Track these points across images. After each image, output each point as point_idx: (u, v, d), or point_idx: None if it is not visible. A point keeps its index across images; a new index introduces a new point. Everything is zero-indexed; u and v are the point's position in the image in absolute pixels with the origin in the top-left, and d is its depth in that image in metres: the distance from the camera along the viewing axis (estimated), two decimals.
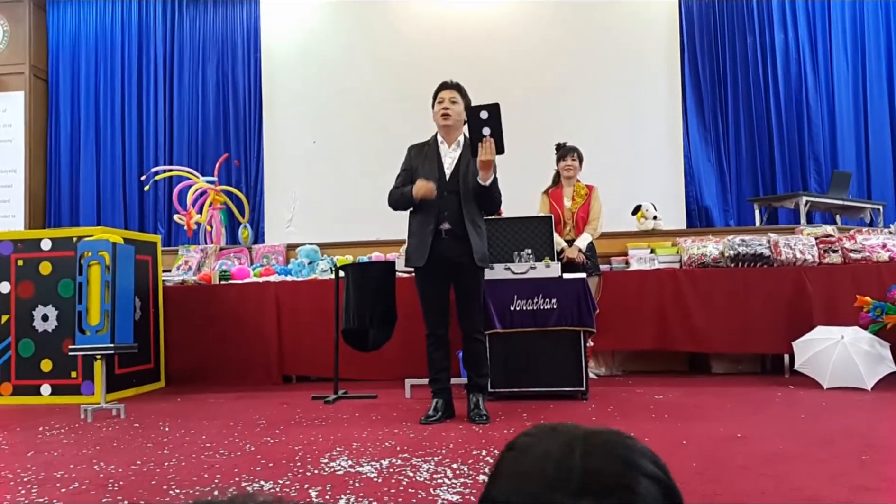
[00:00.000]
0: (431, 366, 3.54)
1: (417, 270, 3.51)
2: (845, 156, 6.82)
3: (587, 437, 0.65)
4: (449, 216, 3.42)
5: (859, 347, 4.07)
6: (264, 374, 5.05)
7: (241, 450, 2.94)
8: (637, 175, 6.70)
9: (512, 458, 0.67)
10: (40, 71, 7.94)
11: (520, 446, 0.68)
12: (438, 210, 3.42)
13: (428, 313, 3.52)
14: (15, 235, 4.87)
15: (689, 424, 3.21)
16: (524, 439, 0.68)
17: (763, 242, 4.85)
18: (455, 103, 3.47)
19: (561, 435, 0.66)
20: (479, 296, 3.56)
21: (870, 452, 2.58)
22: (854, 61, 6.93)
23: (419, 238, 3.46)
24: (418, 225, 3.49)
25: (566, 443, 0.64)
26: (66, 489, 2.40)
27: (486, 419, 3.38)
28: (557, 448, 0.63)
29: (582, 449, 0.62)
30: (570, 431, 0.66)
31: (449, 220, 3.41)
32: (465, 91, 3.53)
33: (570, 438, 0.64)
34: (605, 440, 0.64)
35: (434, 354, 3.53)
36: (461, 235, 3.41)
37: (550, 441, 0.65)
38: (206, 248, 5.96)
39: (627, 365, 5.17)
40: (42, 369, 4.55)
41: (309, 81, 7.37)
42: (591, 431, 0.66)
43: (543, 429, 0.69)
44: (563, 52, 7.05)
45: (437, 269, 3.44)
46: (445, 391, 3.53)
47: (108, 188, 7.70)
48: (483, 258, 3.48)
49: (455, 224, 3.41)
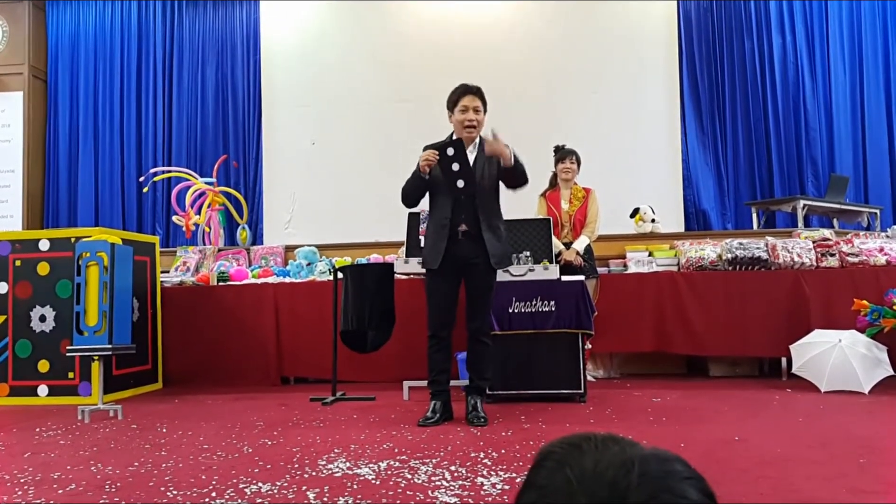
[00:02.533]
0: (432, 367, 3.51)
1: (431, 271, 3.47)
2: (843, 160, 6.84)
3: (643, 461, 0.61)
4: (466, 218, 3.40)
5: (857, 351, 4.08)
6: (262, 376, 5.05)
7: (238, 451, 2.93)
8: (635, 178, 6.71)
9: (554, 468, 0.64)
10: (39, 71, 7.94)
11: (564, 457, 0.64)
12: (454, 211, 3.40)
13: (434, 315, 3.48)
14: (13, 236, 4.86)
15: (687, 427, 3.21)
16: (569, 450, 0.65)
17: (761, 246, 4.86)
18: (478, 112, 3.44)
19: (614, 454, 0.62)
20: (489, 298, 3.53)
21: (867, 455, 2.59)
22: (851, 65, 6.95)
23: (434, 239, 3.44)
24: (434, 226, 3.47)
25: (622, 464, 0.60)
26: (62, 490, 2.39)
27: (485, 422, 3.37)
28: (612, 469, 0.60)
29: (638, 473, 0.59)
30: (625, 451, 0.63)
31: (465, 222, 3.40)
32: (484, 96, 3.49)
33: (625, 460, 0.61)
34: (661, 468, 0.61)
35: (435, 356, 3.49)
36: (477, 236, 3.40)
37: (603, 457, 0.62)
38: (204, 250, 5.96)
39: (625, 367, 5.17)
40: (39, 370, 4.54)
41: (308, 83, 7.38)
42: (645, 456, 0.62)
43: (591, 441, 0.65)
44: (562, 54, 7.06)
45: (449, 271, 3.43)
46: (444, 393, 3.51)
47: (107, 189, 7.69)
48: (501, 260, 3.47)
49: (471, 225, 3.40)
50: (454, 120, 3.48)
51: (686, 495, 0.59)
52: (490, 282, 3.49)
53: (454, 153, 3.33)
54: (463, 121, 3.42)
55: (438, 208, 3.45)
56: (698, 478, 0.62)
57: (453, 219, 3.40)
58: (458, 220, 3.40)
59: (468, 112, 3.41)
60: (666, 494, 0.58)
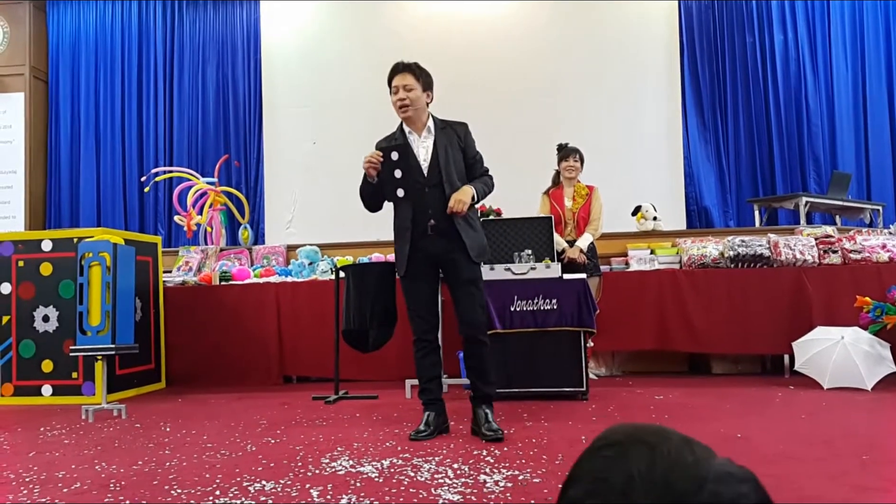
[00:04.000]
0: (420, 374, 3.22)
1: (403, 277, 3.21)
2: (845, 156, 6.83)
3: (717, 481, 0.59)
4: (434, 212, 3.11)
5: (859, 348, 4.08)
6: (265, 375, 5.06)
7: (242, 450, 2.94)
8: (637, 176, 6.71)
9: (615, 460, 0.61)
10: (40, 72, 7.95)
11: (629, 451, 0.61)
12: (421, 207, 3.12)
13: (414, 318, 3.21)
14: (16, 236, 4.87)
15: (689, 425, 3.21)
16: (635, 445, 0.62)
17: (763, 243, 4.85)
18: (411, 90, 3.15)
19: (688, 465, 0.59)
20: (477, 294, 3.17)
21: (870, 453, 2.59)
22: (853, 62, 6.94)
23: (399, 244, 3.19)
24: (397, 229, 3.21)
25: (695, 479, 0.58)
26: (67, 489, 2.40)
27: (501, 435, 2.99)
28: (683, 482, 0.58)
29: (708, 492, 0.57)
30: (699, 465, 0.60)
31: (434, 217, 3.11)
32: (422, 70, 3.21)
33: (699, 476, 0.58)
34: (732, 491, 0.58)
35: (422, 361, 3.20)
36: (449, 230, 3.11)
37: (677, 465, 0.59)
38: (206, 249, 5.97)
39: (627, 365, 5.17)
40: (43, 370, 4.56)
41: (309, 83, 7.38)
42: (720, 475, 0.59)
43: (665, 442, 0.62)
44: (563, 52, 7.06)
45: (422, 269, 3.17)
46: (437, 403, 3.19)
47: (108, 189, 7.71)
48: (480, 252, 3.17)
49: (440, 219, 3.10)
50: (392, 104, 3.24)
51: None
52: (474, 273, 3.17)
53: (398, 158, 3.06)
54: (395, 102, 3.19)
55: (400, 209, 3.19)
56: (766, 502, 0.60)
57: (415, 217, 3.13)
58: (425, 216, 3.11)
59: (399, 92, 3.16)
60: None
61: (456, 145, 3.21)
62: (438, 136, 3.21)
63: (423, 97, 3.20)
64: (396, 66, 3.23)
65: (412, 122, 3.23)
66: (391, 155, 3.08)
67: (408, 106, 3.17)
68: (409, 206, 3.14)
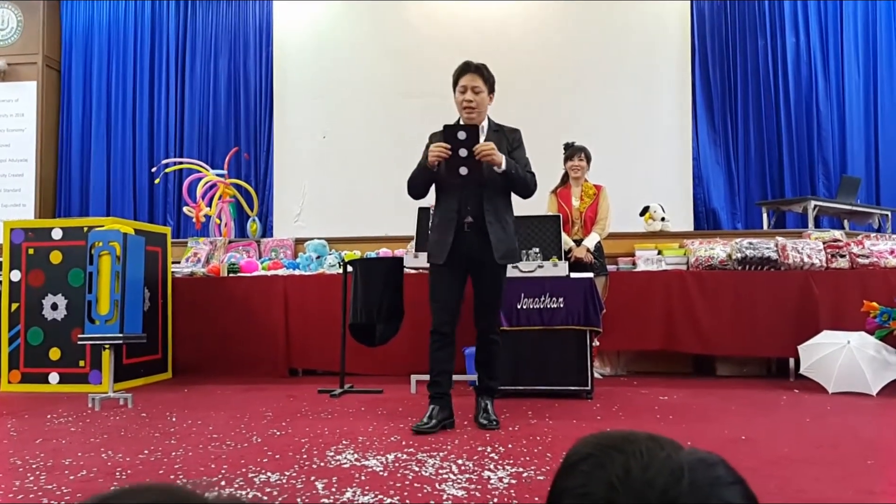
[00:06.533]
0: (433, 366, 3.27)
1: (435, 265, 3.27)
2: (855, 160, 6.80)
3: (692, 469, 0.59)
4: (472, 209, 3.19)
5: (865, 353, 4.07)
6: (271, 367, 5.08)
7: (247, 441, 2.96)
8: (645, 176, 6.70)
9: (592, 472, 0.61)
10: (53, 61, 7.98)
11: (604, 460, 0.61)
12: (460, 203, 3.20)
13: (437, 310, 3.26)
14: (26, 224, 4.90)
15: (693, 426, 3.22)
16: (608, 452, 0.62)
17: (771, 246, 4.84)
18: (479, 93, 3.21)
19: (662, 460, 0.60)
20: (499, 296, 3.32)
21: (875, 457, 2.59)
22: (865, 65, 6.90)
23: (440, 233, 3.24)
24: (440, 219, 3.27)
25: (672, 471, 0.58)
26: (74, 476, 2.42)
27: (496, 425, 3.19)
28: (662, 476, 0.58)
29: (688, 482, 0.57)
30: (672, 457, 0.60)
31: (472, 214, 3.19)
32: (489, 72, 3.27)
33: (674, 467, 0.59)
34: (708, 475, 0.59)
35: (437, 354, 3.25)
36: (483, 229, 3.18)
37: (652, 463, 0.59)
38: (215, 241, 6.00)
39: (632, 365, 5.17)
40: (51, 357, 4.59)
41: (320, 76, 7.39)
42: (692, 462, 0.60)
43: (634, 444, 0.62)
44: (574, 52, 7.05)
45: (455, 266, 3.23)
46: (444, 397, 3.23)
47: (119, 179, 7.74)
48: (506, 255, 3.22)
49: (477, 217, 3.19)
50: (455, 101, 3.28)
51: (732, 501, 0.59)
52: (500, 281, 3.30)
53: (466, 138, 3.08)
54: (461, 101, 3.22)
55: (445, 199, 3.26)
56: (741, 481, 0.61)
57: (460, 210, 3.20)
58: (464, 213, 3.20)
59: (467, 92, 3.21)
60: (714, 502, 0.57)
61: (505, 149, 3.24)
62: (490, 137, 3.25)
63: (486, 100, 3.26)
64: (468, 65, 3.26)
65: (468, 121, 3.25)
66: (459, 133, 3.10)
67: (473, 108, 3.23)
68: (455, 198, 3.21)
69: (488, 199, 3.20)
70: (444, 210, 3.26)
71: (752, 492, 0.62)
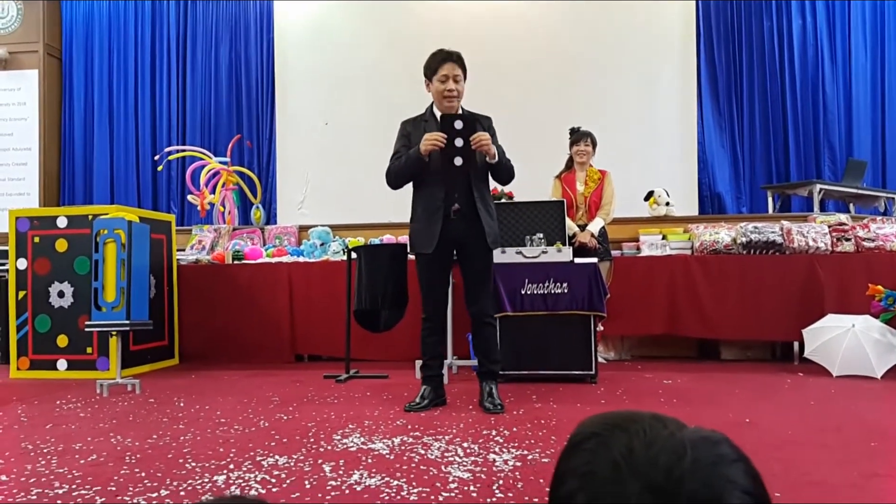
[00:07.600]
0: (424, 351, 3.42)
1: (423, 255, 3.28)
2: (861, 144, 6.76)
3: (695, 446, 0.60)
4: (459, 197, 3.22)
5: (870, 336, 4.07)
6: (277, 353, 5.11)
7: (255, 425, 2.98)
8: (650, 161, 6.67)
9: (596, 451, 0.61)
10: (54, 49, 7.96)
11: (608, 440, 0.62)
12: (446, 190, 3.21)
13: (428, 299, 3.36)
14: (31, 213, 4.92)
15: (697, 409, 3.24)
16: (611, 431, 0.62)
17: (776, 230, 4.83)
18: (458, 81, 3.23)
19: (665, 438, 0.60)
20: (489, 278, 3.39)
21: (878, 440, 2.60)
22: (872, 48, 6.84)
23: (426, 222, 3.24)
24: (424, 208, 3.26)
25: (674, 449, 0.59)
26: (84, 461, 2.45)
27: (501, 408, 3.23)
28: (665, 454, 0.59)
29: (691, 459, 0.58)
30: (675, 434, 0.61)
31: (459, 201, 3.22)
32: (464, 61, 3.27)
33: (677, 445, 0.60)
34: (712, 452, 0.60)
35: (428, 339, 3.39)
36: (471, 216, 3.22)
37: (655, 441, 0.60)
38: (219, 229, 6.01)
39: (637, 350, 5.18)
40: (58, 344, 4.62)
41: (322, 63, 7.36)
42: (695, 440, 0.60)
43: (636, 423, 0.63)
44: (578, 35, 6.99)
45: (443, 253, 3.26)
46: (435, 378, 3.41)
47: (122, 167, 7.74)
48: (496, 240, 3.32)
49: (465, 204, 3.22)
50: (433, 90, 3.27)
51: (735, 479, 0.59)
52: (488, 262, 3.35)
53: (462, 128, 3.09)
54: (443, 91, 3.21)
55: (429, 188, 3.24)
56: (744, 459, 0.62)
57: (446, 199, 3.21)
58: (451, 200, 3.21)
59: (448, 81, 3.20)
60: (718, 479, 0.58)
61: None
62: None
63: (464, 90, 3.28)
64: (449, 54, 3.25)
65: (447, 110, 3.25)
66: (455, 123, 3.11)
67: (455, 97, 3.23)
68: (441, 187, 3.22)
69: (476, 186, 3.25)
70: (428, 199, 3.25)
71: (755, 470, 0.62)
